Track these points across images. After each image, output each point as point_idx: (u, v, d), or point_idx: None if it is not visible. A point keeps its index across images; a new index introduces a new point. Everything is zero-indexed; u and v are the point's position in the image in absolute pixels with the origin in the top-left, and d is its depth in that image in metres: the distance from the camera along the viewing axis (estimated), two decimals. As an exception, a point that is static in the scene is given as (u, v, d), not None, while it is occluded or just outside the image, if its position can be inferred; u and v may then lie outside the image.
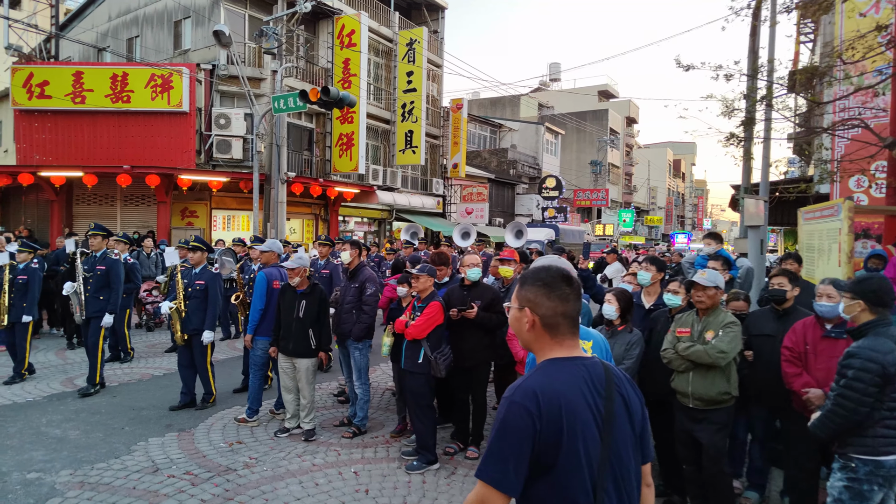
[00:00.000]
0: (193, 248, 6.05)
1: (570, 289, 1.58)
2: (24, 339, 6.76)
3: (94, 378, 6.38)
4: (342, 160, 19.98)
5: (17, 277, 6.71)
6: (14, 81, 16.25)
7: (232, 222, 18.62)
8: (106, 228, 6.76)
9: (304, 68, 19.61)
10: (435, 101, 26.06)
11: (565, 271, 1.63)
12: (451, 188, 27.32)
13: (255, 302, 5.48)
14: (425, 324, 4.41)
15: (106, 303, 6.47)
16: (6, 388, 6.55)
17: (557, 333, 1.56)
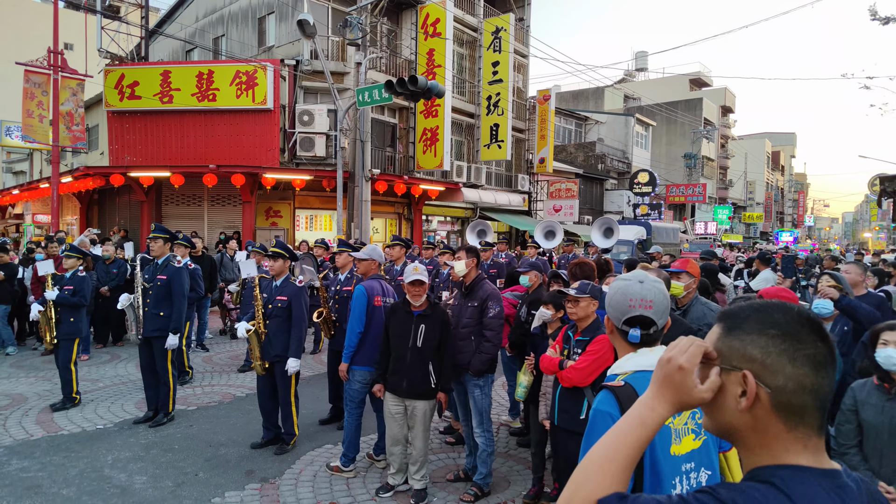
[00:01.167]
0: (274, 256, 5.00)
1: (825, 347, 0.93)
2: (69, 358, 5.95)
3: (167, 406, 5.56)
4: (426, 156, 19.04)
5: (63, 288, 5.94)
6: (107, 83, 16.39)
7: (315, 222, 18.11)
8: (169, 230, 5.83)
9: (387, 61, 18.82)
10: (520, 93, 24.68)
11: (810, 315, 0.96)
12: (536, 184, 25.85)
13: (352, 323, 4.42)
14: (591, 365, 3.16)
15: (167, 320, 5.51)
16: (77, 412, 5.86)
17: (801, 423, 0.92)
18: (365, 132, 15.22)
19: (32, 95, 15.36)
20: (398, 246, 7.01)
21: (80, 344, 6.03)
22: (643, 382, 1.47)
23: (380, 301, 4.55)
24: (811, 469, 0.91)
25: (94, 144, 22.18)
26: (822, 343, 0.94)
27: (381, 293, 4.61)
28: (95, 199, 19.74)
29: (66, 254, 5.95)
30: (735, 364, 0.95)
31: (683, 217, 37.81)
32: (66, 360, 5.90)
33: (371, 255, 4.75)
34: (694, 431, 1.64)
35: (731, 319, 0.99)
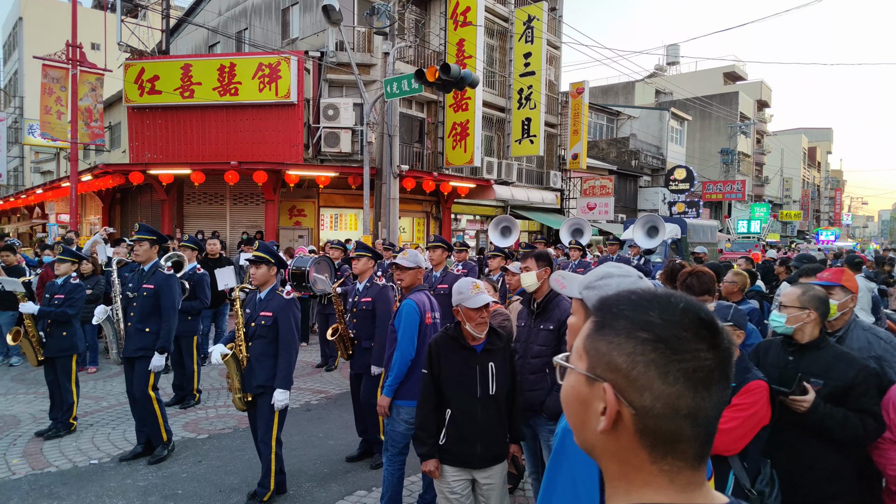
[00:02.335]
0: (256, 261, 3.98)
1: (713, 359, 0.72)
2: (68, 378, 5.16)
3: (159, 436, 4.66)
4: (455, 152, 18.14)
5: (53, 297, 5.13)
6: (126, 77, 15.83)
7: (340, 221, 17.36)
8: (156, 231, 4.88)
9: (415, 53, 17.97)
10: (552, 87, 23.63)
11: (701, 314, 0.75)
12: (569, 181, 24.77)
13: (403, 347, 3.51)
14: (743, 426, 2.21)
15: (153, 337, 4.58)
16: (71, 441, 5.07)
17: (671, 453, 0.73)
18: (393, 126, 14.38)
19: (51, 91, 14.88)
20: (440, 248, 6.10)
21: (77, 360, 5.24)
22: None
23: (430, 318, 3.67)
24: None
25: (116, 142, 21.78)
26: (710, 352, 0.72)
27: (431, 308, 3.73)
28: (117, 199, 19.29)
29: (59, 258, 5.14)
30: (598, 373, 0.76)
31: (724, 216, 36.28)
32: (64, 381, 5.13)
33: (417, 263, 3.86)
34: None
35: (602, 312, 0.79)
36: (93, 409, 6.01)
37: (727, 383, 0.74)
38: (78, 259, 5.15)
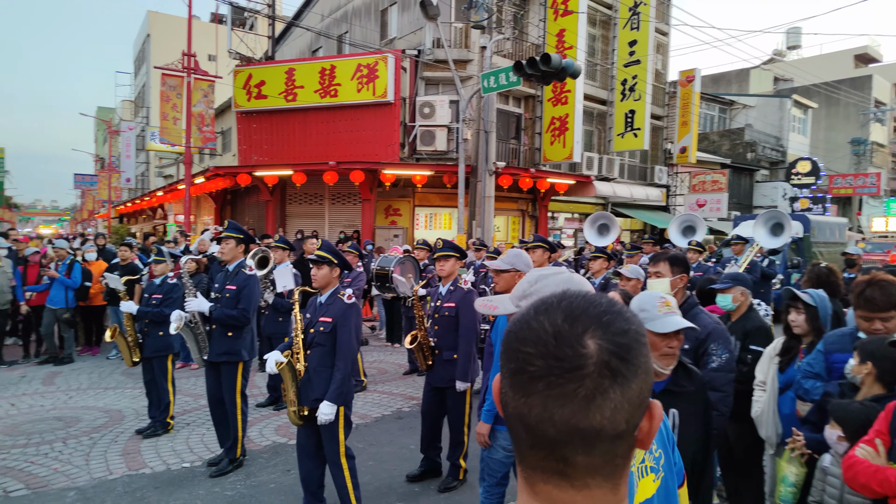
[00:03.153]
0: (318, 262, 3.64)
1: (541, 362, 0.68)
2: (164, 377, 5.17)
3: (234, 450, 4.48)
4: (553, 147, 17.39)
5: (151, 297, 5.15)
6: (236, 83, 16.56)
7: (435, 220, 17.18)
8: (243, 230, 4.65)
9: (512, 47, 17.40)
10: (659, 76, 22.16)
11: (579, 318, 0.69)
12: (676, 177, 23.15)
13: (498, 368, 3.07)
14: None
15: (236, 341, 4.39)
16: (167, 441, 5.09)
17: (521, 462, 0.73)
18: (489, 122, 13.96)
19: (168, 98, 15.84)
20: (540, 249, 5.55)
21: (173, 360, 5.26)
22: None
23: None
24: None
25: (227, 147, 23.01)
26: (541, 360, 0.68)
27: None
28: (228, 200, 20.29)
29: (155, 258, 5.17)
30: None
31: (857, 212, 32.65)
32: (160, 380, 5.16)
33: (515, 265, 3.36)
34: (653, 469, 1.37)
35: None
36: (191, 406, 6.06)
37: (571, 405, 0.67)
38: (174, 259, 5.14)
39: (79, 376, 7.33)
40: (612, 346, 0.68)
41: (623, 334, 0.69)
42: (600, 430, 0.67)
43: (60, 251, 8.02)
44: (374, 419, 5.84)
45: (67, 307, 7.95)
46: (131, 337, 5.10)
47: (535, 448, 0.70)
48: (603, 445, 0.68)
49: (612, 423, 0.67)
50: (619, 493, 0.71)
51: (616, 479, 0.71)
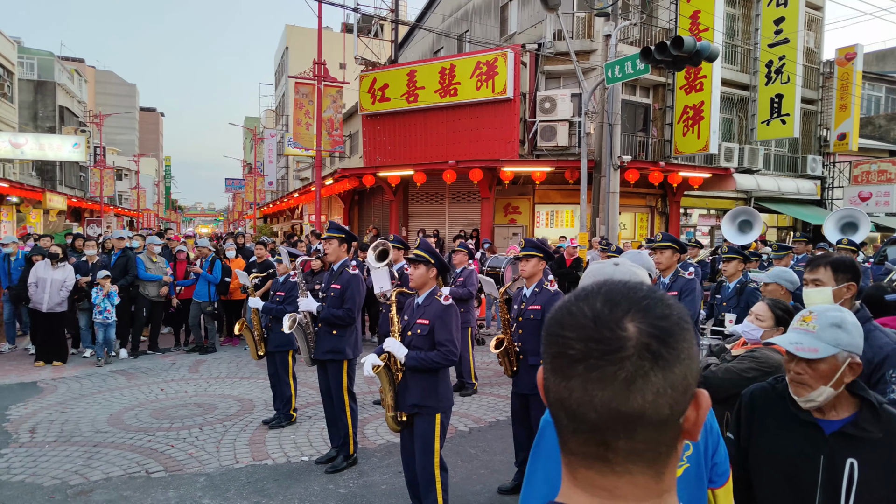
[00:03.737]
0: (415, 261, 3.48)
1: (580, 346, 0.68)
2: (286, 372, 5.38)
3: (347, 446, 4.52)
4: (686, 139, 16.16)
5: (275, 294, 5.34)
6: (361, 88, 17.23)
7: (556, 218, 16.69)
8: (345, 229, 4.64)
9: (640, 33, 16.41)
10: (811, 55, 19.82)
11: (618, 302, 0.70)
12: (832, 167, 20.59)
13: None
14: None
15: (342, 339, 4.42)
16: (290, 433, 5.29)
17: (564, 448, 0.73)
18: (614, 114, 13.25)
19: (301, 105, 16.84)
20: (669, 250, 5.03)
21: (294, 356, 5.46)
22: None
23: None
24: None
25: (355, 149, 24.08)
26: (581, 343, 0.68)
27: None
28: (356, 200, 21.23)
29: (277, 258, 5.42)
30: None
31: None
32: (282, 374, 5.39)
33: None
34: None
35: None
36: (314, 399, 6.27)
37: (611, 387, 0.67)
38: (293, 258, 5.33)
39: (219, 365, 7.94)
40: (652, 328, 0.67)
41: (664, 318, 0.69)
42: (642, 413, 0.67)
43: (203, 249, 8.77)
44: (488, 424, 5.68)
45: (210, 301, 8.68)
46: (257, 331, 5.38)
47: (577, 433, 0.70)
48: (645, 431, 0.68)
49: (654, 407, 0.67)
50: (663, 482, 0.70)
51: (660, 467, 0.70)
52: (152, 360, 8.29)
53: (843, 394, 1.73)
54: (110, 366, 7.78)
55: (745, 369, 2.86)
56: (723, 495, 1.48)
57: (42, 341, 7.89)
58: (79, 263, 8.38)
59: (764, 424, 1.86)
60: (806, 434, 1.76)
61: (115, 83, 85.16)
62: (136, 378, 7.21)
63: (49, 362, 7.82)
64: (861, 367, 1.73)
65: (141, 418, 5.66)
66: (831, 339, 1.68)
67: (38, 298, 7.64)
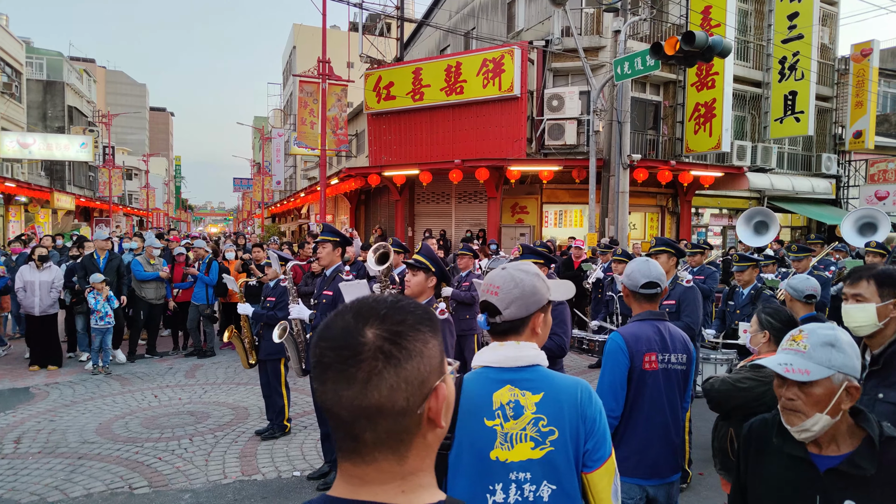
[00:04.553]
0: (415, 267, 3.23)
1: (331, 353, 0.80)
2: (278, 381, 5.14)
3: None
4: (698, 137, 15.82)
5: (266, 300, 5.12)
6: (367, 86, 17.02)
7: (564, 218, 16.41)
8: (339, 232, 4.40)
9: (650, 29, 16.09)
10: (825, 51, 19.41)
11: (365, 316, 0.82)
12: (848, 165, 20.15)
13: (602, 399, 2.52)
14: None
15: None
16: (283, 445, 5.08)
17: (337, 452, 0.84)
18: (623, 112, 12.93)
19: (305, 104, 16.67)
20: (665, 254, 4.72)
21: (286, 364, 5.24)
22: (478, 383, 1.56)
23: (655, 363, 2.53)
24: (339, 500, 0.79)
25: (361, 149, 23.89)
26: (332, 351, 0.79)
27: (659, 346, 2.56)
28: (362, 200, 21.03)
29: (267, 262, 5.19)
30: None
31: None
32: (274, 383, 5.17)
33: (645, 274, 2.73)
34: (534, 440, 1.52)
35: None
36: (310, 408, 6.06)
37: (353, 387, 0.77)
38: (285, 261, 5.10)
39: (216, 370, 7.75)
40: (386, 332, 0.78)
41: (399, 324, 0.79)
42: (380, 407, 0.76)
43: (199, 250, 8.58)
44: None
45: (209, 304, 8.49)
46: (248, 339, 5.16)
47: (337, 431, 0.80)
48: (386, 422, 0.77)
49: (390, 400, 0.76)
50: (405, 465, 0.80)
51: (403, 452, 0.79)
52: (149, 364, 8.12)
53: (845, 425, 1.54)
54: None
55: (739, 379, 2.69)
56: (596, 479, 1.53)
57: (36, 345, 7.74)
58: (74, 265, 8.22)
59: (759, 460, 1.71)
60: (799, 471, 1.58)
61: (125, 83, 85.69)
62: (130, 383, 7.04)
63: (44, 366, 7.67)
64: (860, 391, 1.54)
65: (131, 427, 5.47)
66: (824, 359, 1.51)
67: (28, 302, 7.48)
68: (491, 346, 1.62)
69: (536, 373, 1.57)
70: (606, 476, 1.53)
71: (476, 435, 1.51)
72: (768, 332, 2.80)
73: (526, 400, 1.52)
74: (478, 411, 1.53)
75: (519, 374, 1.56)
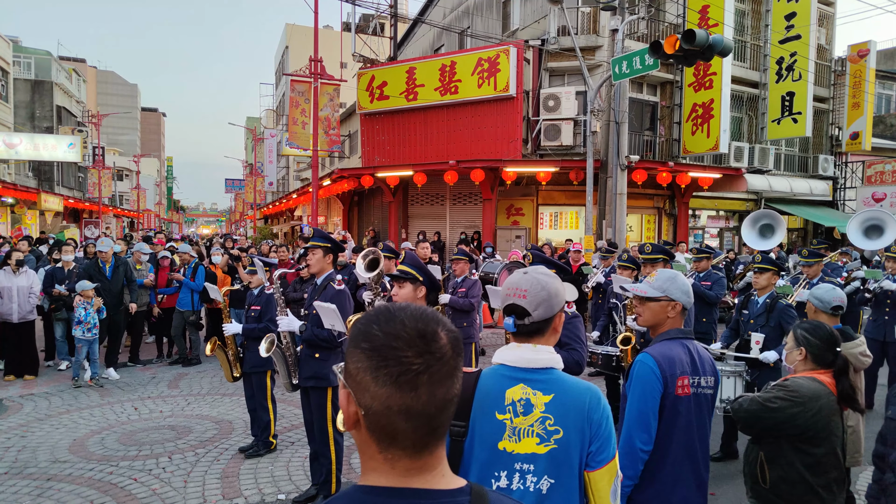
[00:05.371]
0: (401, 279, 3.04)
1: (421, 363, 0.85)
2: (264, 395, 4.83)
3: (328, 486, 3.97)
4: (696, 138, 15.62)
5: (250, 308, 4.81)
6: (360, 86, 16.72)
7: (560, 220, 16.17)
8: (330, 237, 4.06)
9: (648, 29, 15.88)
10: (822, 52, 19.27)
11: (418, 324, 0.88)
12: (845, 167, 20.03)
13: (630, 429, 2.21)
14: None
15: (325, 364, 3.82)
16: (268, 464, 4.78)
17: (393, 445, 0.86)
18: (621, 112, 12.70)
19: (297, 103, 16.36)
20: (661, 262, 4.38)
21: (273, 377, 4.94)
22: (494, 379, 1.68)
23: (688, 387, 2.26)
24: (386, 489, 0.86)
25: (354, 149, 23.58)
26: (420, 358, 0.84)
27: (690, 369, 2.29)
28: (355, 202, 20.72)
29: (249, 269, 4.88)
30: (345, 379, 0.89)
31: None
32: (259, 397, 4.87)
33: (668, 292, 2.44)
34: (539, 436, 1.63)
35: (354, 327, 0.92)
36: (299, 422, 5.74)
37: (444, 383, 0.86)
38: (270, 267, 4.80)
39: (202, 380, 7.43)
40: (448, 332, 0.91)
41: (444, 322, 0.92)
42: (455, 396, 0.91)
43: (184, 255, 8.26)
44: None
45: (194, 310, 8.16)
46: (232, 350, 4.85)
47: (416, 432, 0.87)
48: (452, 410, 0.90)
49: (458, 389, 0.92)
50: (442, 449, 0.91)
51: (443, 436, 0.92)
52: (132, 373, 7.79)
53: None
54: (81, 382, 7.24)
55: (770, 399, 2.51)
56: (597, 478, 1.62)
57: (13, 354, 7.39)
58: (54, 270, 7.88)
59: None
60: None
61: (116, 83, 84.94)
62: (110, 395, 6.71)
63: (20, 376, 7.32)
64: None
65: (107, 444, 5.15)
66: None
67: (6, 309, 7.11)
68: (510, 345, 1.75)
69: (550, 375, 1.67)
70: (608, 476, 1.63)
71: (488, 426, 1.63)
72: (804, 349, 2.56)
73: (536, 399, 1.63)
74: (491, 405, 1.64)
75: (533, 374, 1.67)
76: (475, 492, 0.90)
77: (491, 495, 0.91)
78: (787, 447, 2.53)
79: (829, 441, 2.50)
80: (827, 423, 2.49)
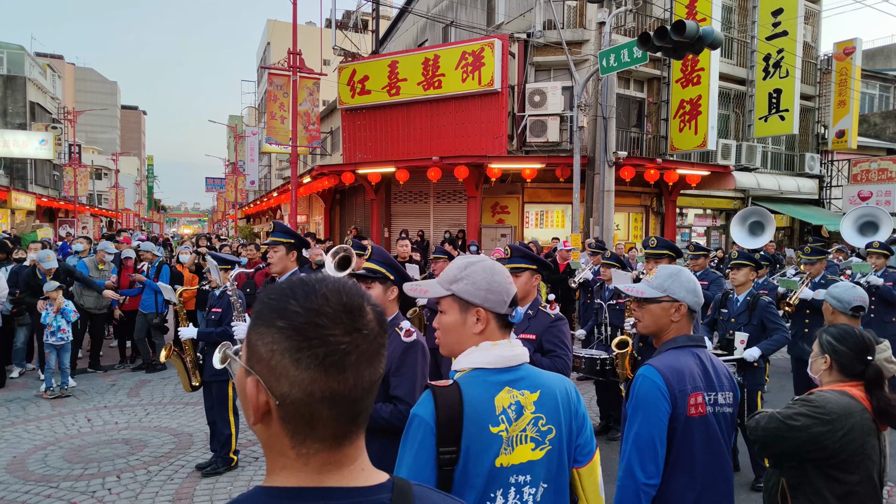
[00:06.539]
0: (368, 278, 2.61)
1: (350, 342, 0.75)
2: (225, 406, 4.41)
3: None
4: (683, 134, 15.37)
5: (210, 310, 4.38)
6: (340, 80, 16.25)
7: (546, 218, 15.83)
8: (294, 233, 3.64)
9: (636, 23, 15.59)
10: (808, 50, 19.16)
11: (346, 295, 0.78)
12: (831, 165, 19.95)
13: (630, 461, 1.83)
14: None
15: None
16: (227, 482, 4.33)
17: (310, 437, 0.75)
18: (609, 107, 12.38)
19: (275, 98, 15.84)
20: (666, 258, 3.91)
21: (234, 387, 4.50)
22: (479, 388, 1.43)
23: (703, 405, 1.87)
24: (296, 490, 0.74)
25: (336, 146, 23.09)
26: (347, 336, 0.74)
27: (704, 384, 1.91)
28: (337, 199, 20.23)
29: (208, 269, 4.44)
30: (251, 365, 0.76)
31: None
32: (220, 410, 4.42)
33: (670, 291, 2.05)
34: (534, 440, 1.46)
35: (257, 303, 0.79)
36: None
37: (372, 364, 0.77)
38: (230, 264, 4.36)
39: (164, 388, 6.94)
40: (373, 306, 0.81)
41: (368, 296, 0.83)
42: (379, 377, 0.81)
43: (146, 254, 7.75)
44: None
45: (158, 312, 7.67)
46: (190, 357, 4.40)
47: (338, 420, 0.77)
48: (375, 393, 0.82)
49: (382, 370, 0.81)
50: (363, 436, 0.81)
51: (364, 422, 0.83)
52: (91, 379, 7.28)
53: None
54: (35, 390, 6.72)
55: (791, 415, 2.12)
56: (587, 473, 1.54)
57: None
58: (18, 269, 7.31)
59: None
60: None
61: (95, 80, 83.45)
62: (62, 404, 6.21)
63: (-31, 385, 6.78)
64: None
65: (49, 462, 4.67)
66: None
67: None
68: (480, 346, 1.51)
69: (526, 370, 1.51)
70: (596, 469, 1.55)
71: (483, 443, 1.41)
72: (829, 356, 2.19)
73: (525, 399, 1.46)
74: (483, 419, 1.42)
75: (512, 373, 1.49)
76: (398, 487, 0.80)
77: (416, 490, 0.81)
78: (814, 473, 2.16)
79: (865, 466, 2.13)
80: (861, 445, 2.12)
